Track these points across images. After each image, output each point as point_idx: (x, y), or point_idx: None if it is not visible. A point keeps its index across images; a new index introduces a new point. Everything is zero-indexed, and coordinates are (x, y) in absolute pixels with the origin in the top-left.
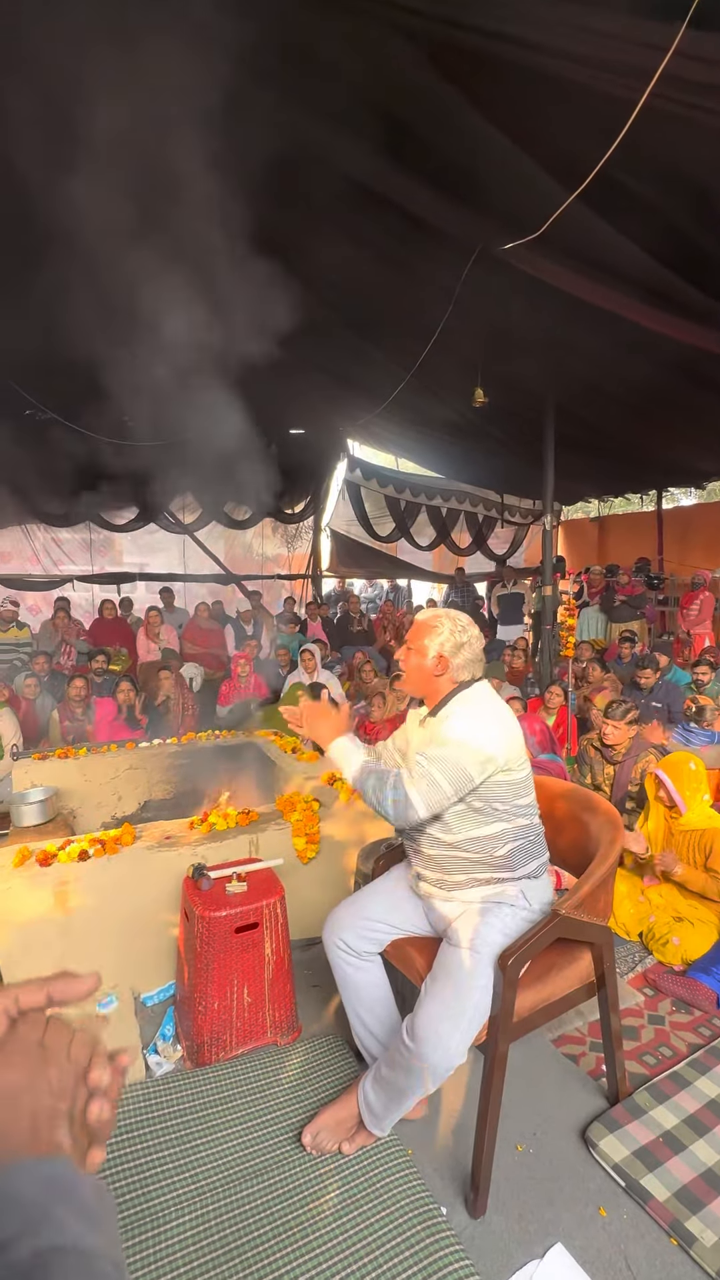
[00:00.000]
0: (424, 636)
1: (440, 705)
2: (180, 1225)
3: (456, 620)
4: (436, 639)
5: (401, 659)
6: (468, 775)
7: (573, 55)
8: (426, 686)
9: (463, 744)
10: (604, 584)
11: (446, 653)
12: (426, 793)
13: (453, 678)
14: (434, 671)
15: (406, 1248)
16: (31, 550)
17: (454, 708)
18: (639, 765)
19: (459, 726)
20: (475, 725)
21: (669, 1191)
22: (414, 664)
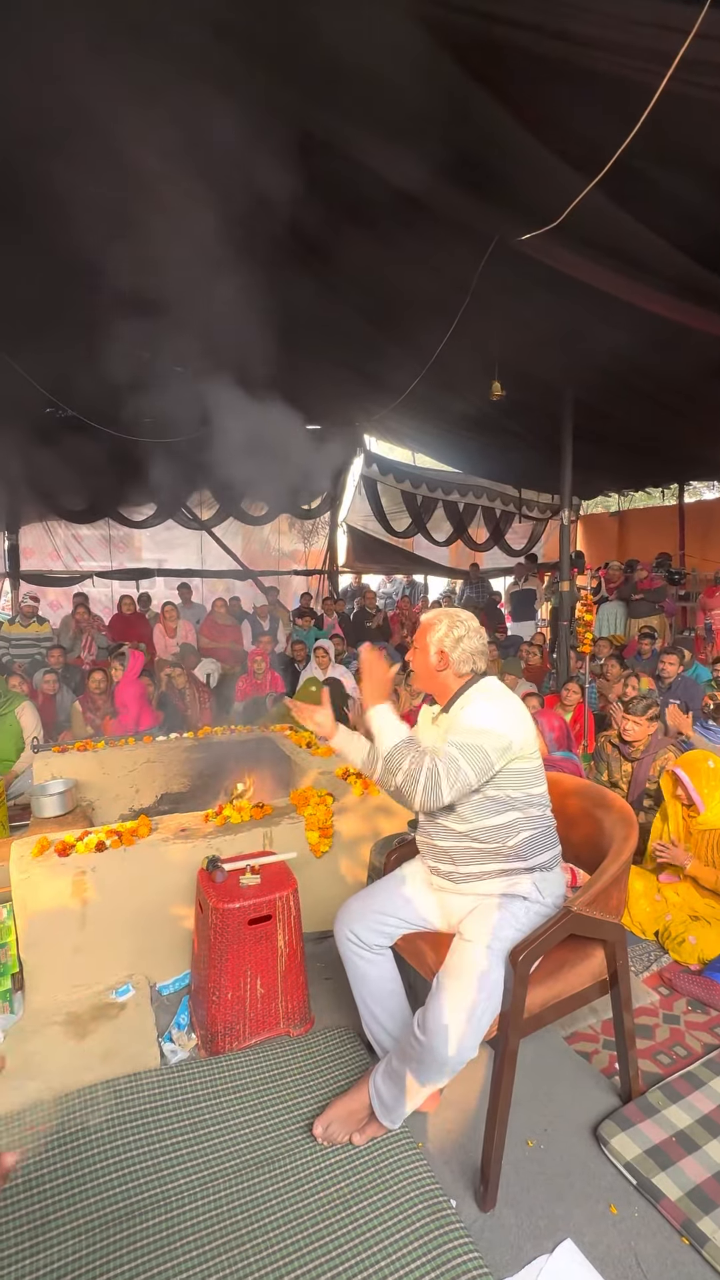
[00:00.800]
0: (425, 635)
1: (453, 700)
2: (193, 1210)
3: (453, 616)
4: (435, 635)
5: (410, 658)
6: (489, 761)
7: (591, 40)
8: (434, 683)
9: (483, 731)
10: (622, 579)
11: (445, 648)
12: (453, 777)
13: (457, 672)
14: (437, 667)
15: (415, 1239)
16: (52, 546)
17: (468, 699)
18: (658, 762)
19: (476, 715)
20: (492, 712)
21: (681, 1191)
22: (420, 663)
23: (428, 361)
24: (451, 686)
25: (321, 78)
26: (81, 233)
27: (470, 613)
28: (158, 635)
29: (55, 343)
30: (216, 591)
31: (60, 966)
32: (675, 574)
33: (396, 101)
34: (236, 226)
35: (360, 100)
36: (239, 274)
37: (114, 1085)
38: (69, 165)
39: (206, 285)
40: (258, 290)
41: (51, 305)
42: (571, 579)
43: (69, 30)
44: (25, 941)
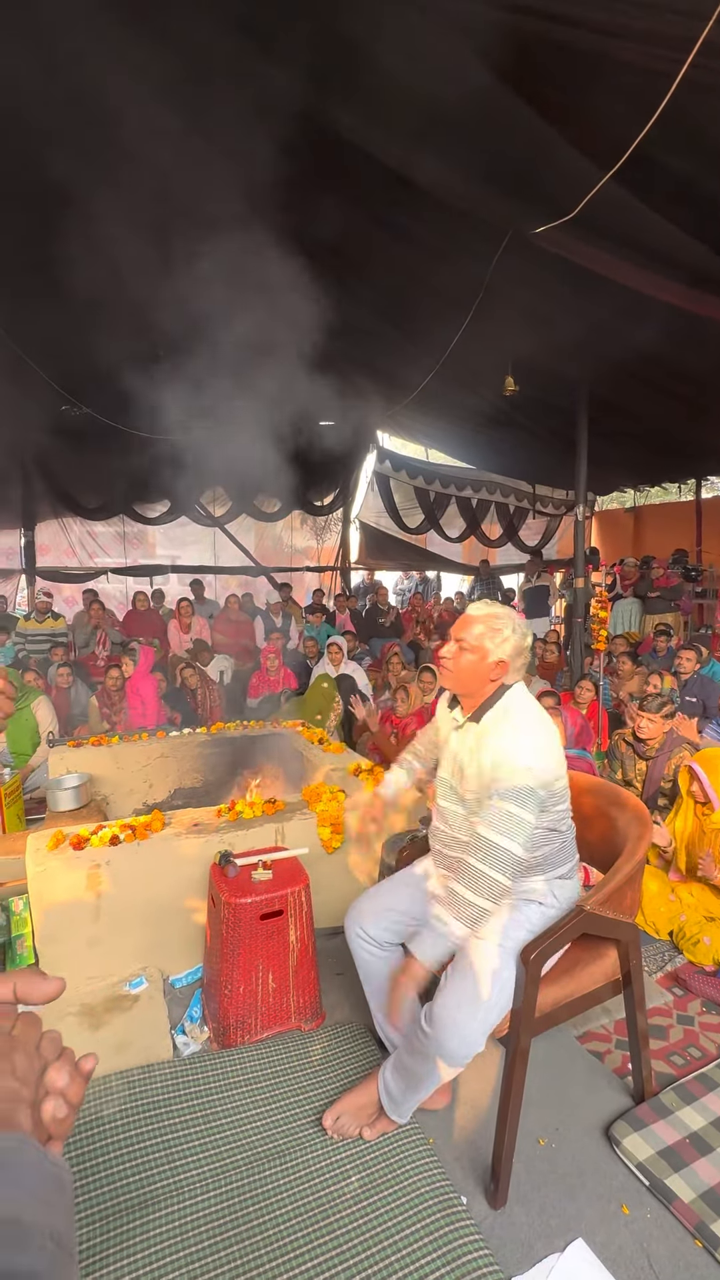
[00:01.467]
0: (483, 636)
1: (482, 710)
2: (205, 1201)
3: (514, 619)
4: (500, 641)
5: (450, 656)
6: (539, 799)
7: (609, 28)
8: (474, 687)
9: (529, 770)
10: (638, 575)
11: (507, 656)
12: (515, 832)
13: (503, 681)
14: (490, 675)
15: (426, 1234)
16: (68, 543)
17: (501, 719)
18: (673, 761)
19: (520, 751)
20: (535, 744)
21: (694, 1193)
22: (467, 663)
23: (441, 357)
24: (485, 693)
25: (338, 70)
26: (99, 230)
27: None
28: (172, 631)
29: (71, 341)
30: (229, 588)
31: (75, 958)
32: (692, 570)
33: (411, 94)
34: (251, 222)
35: (375, 93)
36: (253, 269)
37: (127, 1076)
38: (89, 160)
39: (221, 283)
40: (271, 286)
41: (68, 304)
42: (586, 575)
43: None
44: (41, 933)
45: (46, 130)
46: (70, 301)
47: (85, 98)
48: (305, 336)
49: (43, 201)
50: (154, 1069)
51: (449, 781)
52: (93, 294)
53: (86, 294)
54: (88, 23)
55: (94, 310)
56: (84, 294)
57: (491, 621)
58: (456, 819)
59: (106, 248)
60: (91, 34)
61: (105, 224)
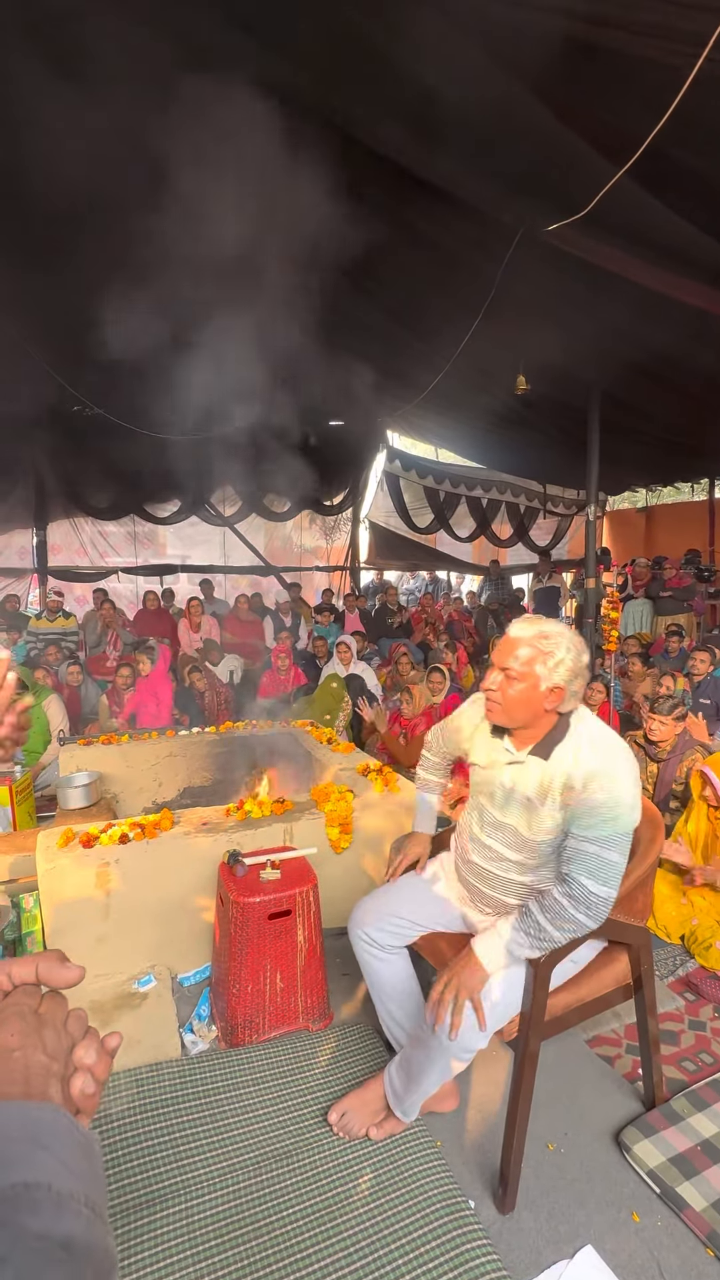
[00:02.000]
0: (533, 660)
1: (549, 744)
2: (212, 1200)
3: (572, 640)
4: (553, 665)
5: (496, 688)
6: (630, 838)
7: (622, 22)
8: (528, 719)
9: (629, 811)
10: (650, 576)
11: (563, 681)
12: (612, 879)
13: (559, 709)
14: (545, 704)
15: (433, 1238)
16: (79, 543)
17: (584, 755)
18: (684, 764)
19: (618, 792)
20: (629, 782)
21: (706, 1201)
22: (517, 694)
23: (452, 356)
24: (544, 726)
25: (351, 68)
26: (113, 231)
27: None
28: (182, 630)
29: (84, 341)
30: (239, 587)
31: (84, 955)
32: (705, 571)
33: (424, 91)
34: (262, 223)
35: (386, 90)
36: (264, 271)
37: (136, 1074)
38: (103, 164)
39: (231, 283)
40: (282, 284)
41: (81, 305)
42: (598, 576)
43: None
44: (51, 930)
45: (64, 130)
46: (84, 302)
47: (100, 95)
48: (316, 336)
49: (58, 201)
50: (162, 1067)
51: (510, 825)
52: (107, 295)
53: (100, 295)
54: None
55: (108, 311)
56: (98, 295)
57: (540, 643)
58: (509, 865)
59: (120, 249)
60: (100, 30)
61: (119, 225)
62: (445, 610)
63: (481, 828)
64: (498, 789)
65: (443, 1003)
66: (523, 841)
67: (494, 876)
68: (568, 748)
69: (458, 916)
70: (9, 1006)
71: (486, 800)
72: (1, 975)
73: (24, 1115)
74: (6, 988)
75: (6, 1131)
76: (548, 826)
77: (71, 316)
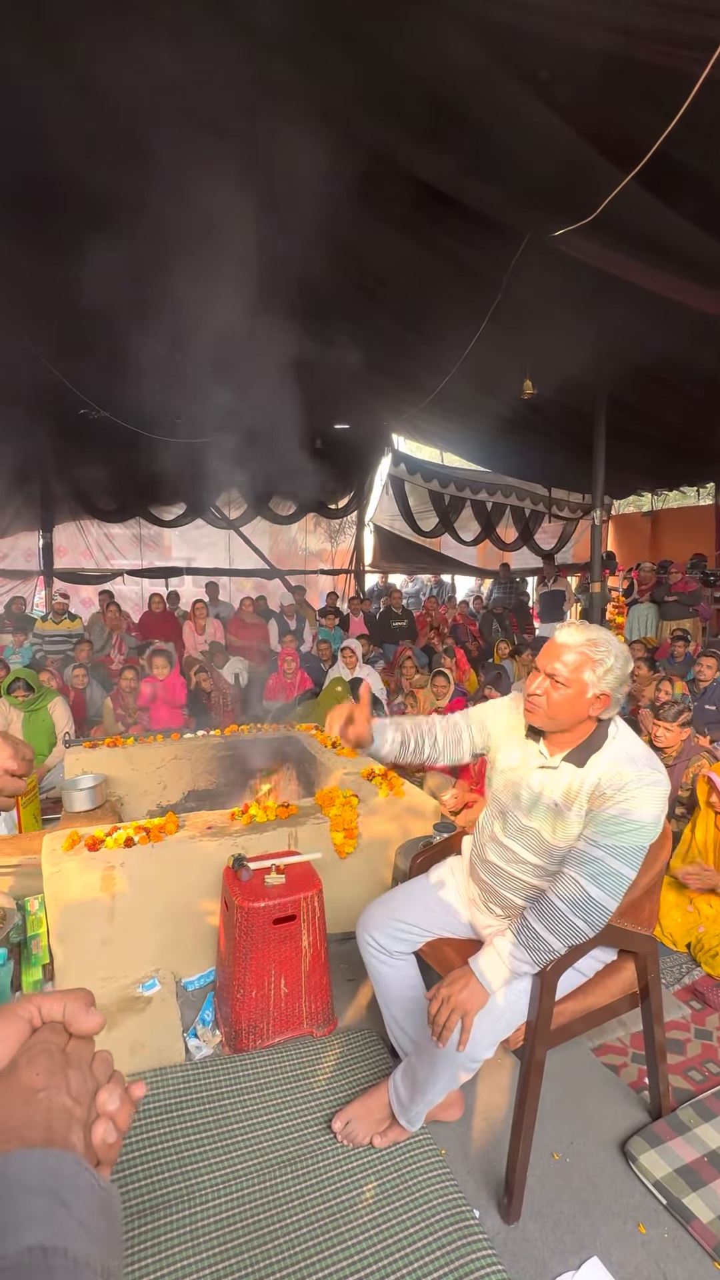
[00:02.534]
0: (580, 667)
1: (585, 752)
2: (216, 1207)
3: (619, 648)
4: (603, 673)
5: (541, 693)
6: (643, 854)
7: (630, 28)
8: (569, 724)
9: (650, 826)
10: (655, 580)
11: (610, 689)
12: (617, 890)
13: (599, 717)
14: (590, 711)
15: (438, 1247)
16: (85, 545)
17: (619, 771)
18: (690, 769)
19: (643, 808)
20: (657, 799)
21: (713, 1213)
22: (562, 700)
23: (458, 360)
24: (582, 733)
25: (355, 74)
26: (123, 238)
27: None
28: (187, 633)
29: (90, 345)
30: (244, 590)
31: (89, 959)
32: (710, 575)
33: (429, 96)
34: (269, 228)
35: (393, 96)
36: (272, 276)
37: (140, 1079)
38: (118, 170)
39: (238, 288)
40: (290, 291)
41: (87, 309)
42: (603, 580)
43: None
44: (56, 934)
45: (79, 138)
46: (92, 306)
47: (113, 101)
48: (323, 340)
49: (67, 205)
50: (166, 1072)
51: (533, 829)
52: (115, 301)
53: (109, 300)
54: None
55: (116, 316)
56: (107, 300)
57: (590, 650)
58: (526, 868)
59: (130, 255)
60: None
61: (130, 232)
62: (450, 614)
63: (504, 830)
64: (524, 792)
65: (436, 1021)
66: (545, 847)
67: (511, 878)
68: (604, 757)
69: (465, 923)
70: (38, 1044)
71: (512, 803)
72: (32, 1009)
73: (44, 1166)
74: (36, 1023)
75: (26, 1182)
76: (572, 834)
77: (80, 319)
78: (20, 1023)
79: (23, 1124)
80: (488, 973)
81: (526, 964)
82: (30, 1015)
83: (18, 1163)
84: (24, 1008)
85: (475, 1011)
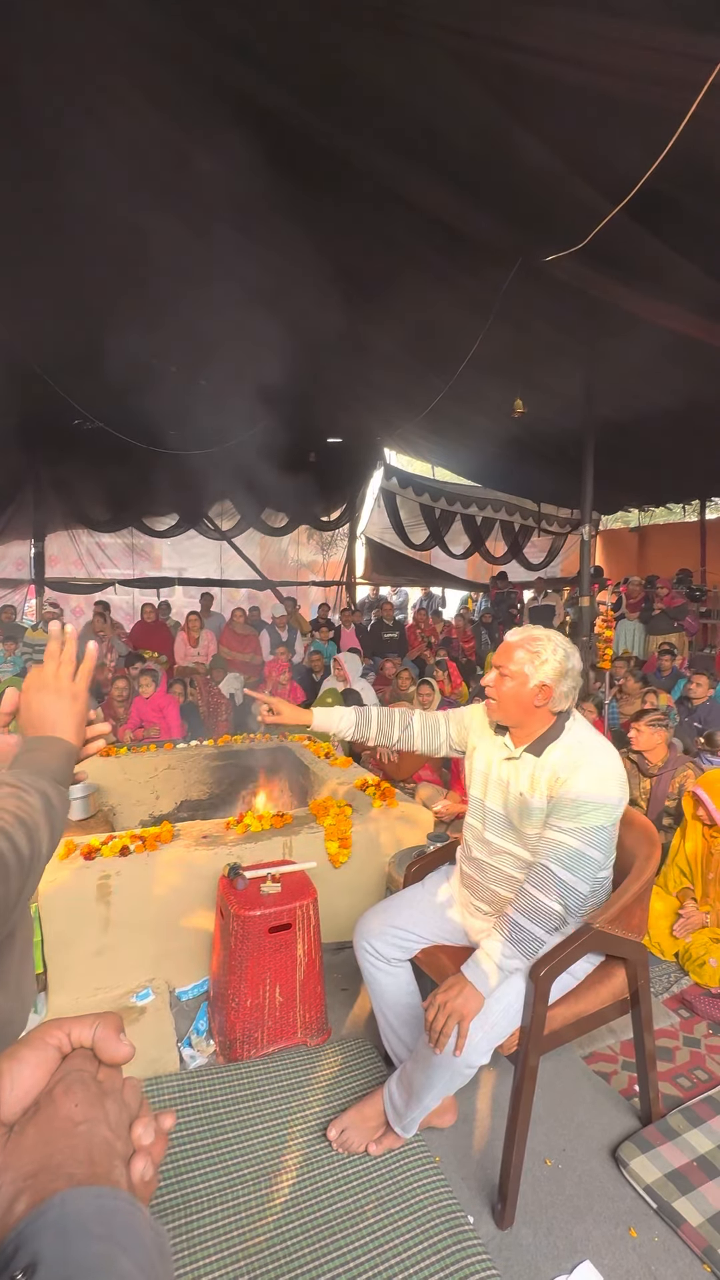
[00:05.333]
0: (523, 662)
1: (543, 743)
2: (212, 1215)
3: (559, 643)
4: (539, 665)
5: (492, 685)
6: (609, 834)
7: (619, 69)
8: (521, 716)
9: (603, 805)
10: (643, 595)
11: (550, 680)
12: (586, 872)
13: (550, 709)
14: (535, 701)
15: (433, 1253)
16: (76, 554)
17: (575, 754)
18: (676, 780)
19: (594, 787)
20: (609, 779)
21: (703, 1217)
22: (509, 691)
23: (450, 379)
24: (539, 725)
25: (354, 106)
26: (118, 248)
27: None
28: (179, 644)
29: (85, 356)
30: (235, 601)
31: (83, 969)
32: (696, 591)
33: (426, 127)
34: (267, 244)
35: (393, 128)
36: (268, 290)
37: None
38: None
39: (234, 305)
40: (285, 306)
41: (82, 320)
42: (592, 595)
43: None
44: (50, 943)
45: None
46: (86, 316)
47: (108, 124)
48: (318, 356)
49: (63, 214)
50: (161, 1081)
51: (502, 815)
52: (109, 310)
53: (103, 309)
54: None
55: (110, 325)
56: (100, 309)
57: (530, 645)
58: (505, 858)
59: (126, 265)
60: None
61: (124, 243)
62: (439, 625)
63: (484, 824)
64: (495, 784)
65: (433, 1028)
66: (517, 834)
67: (493, 869)
68: (559, 746)
69: (460, 930)
70: (72, 1072)
71: (486, 796)
72: (61, 1035)
73: (100, 1207)
74: (66, 1050)
75: (86, 1227)
76: (538, 821)
77: (75, 330)
78: (49, 1050)
79: (67, 1160)
80: (481, 975)
81: (517, 959)
82: (59, 1042)
83: (74, 1202)
84: (52, 1034)
85: (471, 1017)
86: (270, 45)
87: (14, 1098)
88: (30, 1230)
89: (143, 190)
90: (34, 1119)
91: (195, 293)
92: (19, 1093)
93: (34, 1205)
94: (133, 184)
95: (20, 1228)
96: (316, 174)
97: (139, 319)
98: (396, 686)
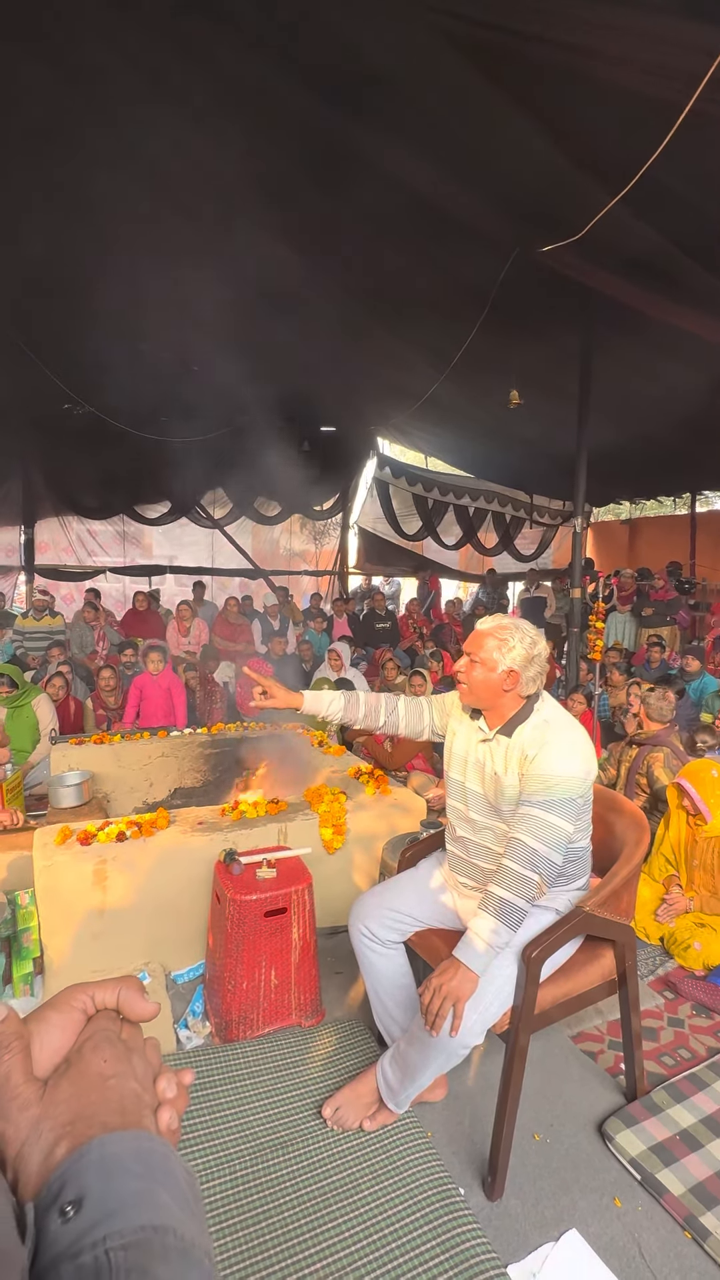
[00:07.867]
0: (491, 649)
1: (514, 724)
2: (210, 1190)
3: (524, 629)
4: (506, 652)
5: (463, 671)
6: (578, 805)
7: (618, 58)
8: (492, 700)
9: (576, 781)
10: (634, 587)
11: (517, 666)
12: (556, 842)
13: (520, 693)
14: (503, 686)
15: (425, 1223)
16: (67, 541)
17: (543, 731)
18: (649, 757)
19: (559, 762)
20: (573, 754)
21: (684, 1187)
22: (479, 677)
23: (445, 369)
24: (509, 708)
25: (352, 91)
26: (111, 233)
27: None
28: (171, 632)
29: (76, 339)
30: (226, 589)
31: (80, 952)
32: (686, 583)
33: (424, 115)
34: (261, 230)
35: (390, 113)
36: (261, 277)
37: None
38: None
39: (227, 290)
40: (280, 292)
41: (76, 303)
42: (583, 587)
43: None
44: (47, 927)
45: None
46: (79, 300)
47: (114, 111)
48: (311, 343)
49: (58, 198)
50: None
51: (481, 794)
52: (104, 295)
53: (97, 294)
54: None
55: (102, 309)
56: (95, 294)
57: (498, 632)
58: (487, 833)
59: (119, 251)
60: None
61: (119, 229)
62: (431, 616)
63: (466, 804)
64: (473, 766)
65: (430, 1010)
66: (493, 810)
67: (475, 845)
68: (528, 726)
69: (453, 914)
70: (100, 1031)
71: (462, 776)
72: (84, 998)
73: (136, 1148)
74: (90, 1012)
75: (125, 1165)
76: (509, 796)
77: (68, 312)
78: (75, 1012)
79: (101, 1109)
80: (474, 957)
81: (505, 932)
82: (84, 1005)
83: (112, 1145)
84: (76, 997)
85: (466, 998)
86: (266, 24)
87: (45, 1056)
88: (74, 1170)
89: (134, 168)
90: (66, 1074)
91: (189, 276)
92: (49, 1052)
93: (74, 1149)
94: (125, 162)
95: (64, 1168)
96: (311, 158)
97: (131, 302)
98: (385, 676)
